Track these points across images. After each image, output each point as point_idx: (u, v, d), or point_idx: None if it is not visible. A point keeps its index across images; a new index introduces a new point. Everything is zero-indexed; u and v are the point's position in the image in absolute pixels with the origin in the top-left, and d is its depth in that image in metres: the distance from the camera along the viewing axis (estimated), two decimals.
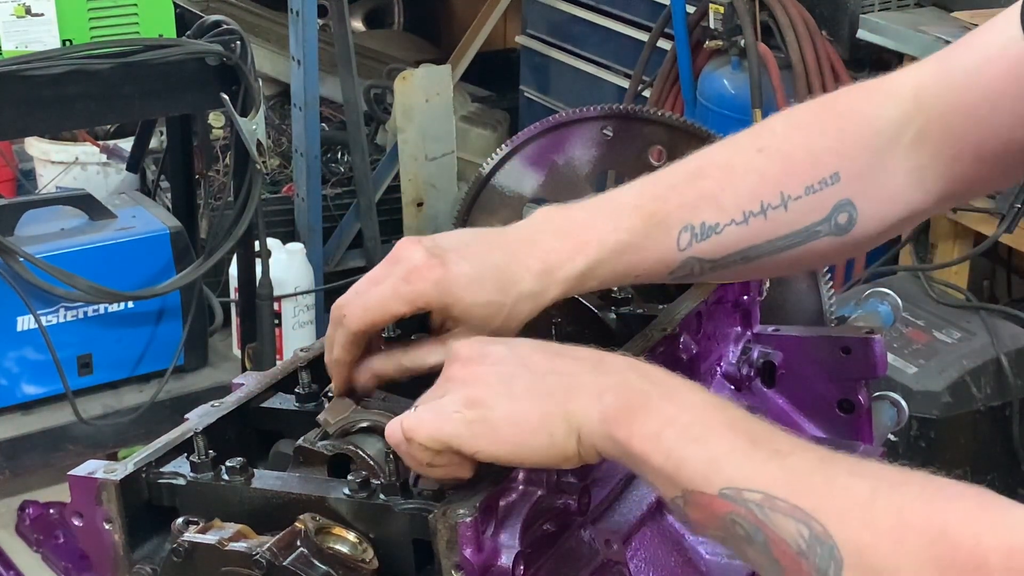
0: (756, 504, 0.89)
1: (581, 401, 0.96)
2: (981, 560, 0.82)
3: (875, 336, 1.32)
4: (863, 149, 1.14)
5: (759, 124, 1.20)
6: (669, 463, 0.92)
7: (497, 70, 4.93)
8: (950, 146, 1.15)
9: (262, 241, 3.10)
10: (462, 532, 0.94)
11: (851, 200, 1.14)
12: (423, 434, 0.96)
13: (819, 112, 1.18)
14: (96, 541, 1.06)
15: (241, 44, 2.77)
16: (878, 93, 1.17)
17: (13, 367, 2.88)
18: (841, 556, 0.86)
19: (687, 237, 1.11)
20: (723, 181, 1.12)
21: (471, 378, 0.99)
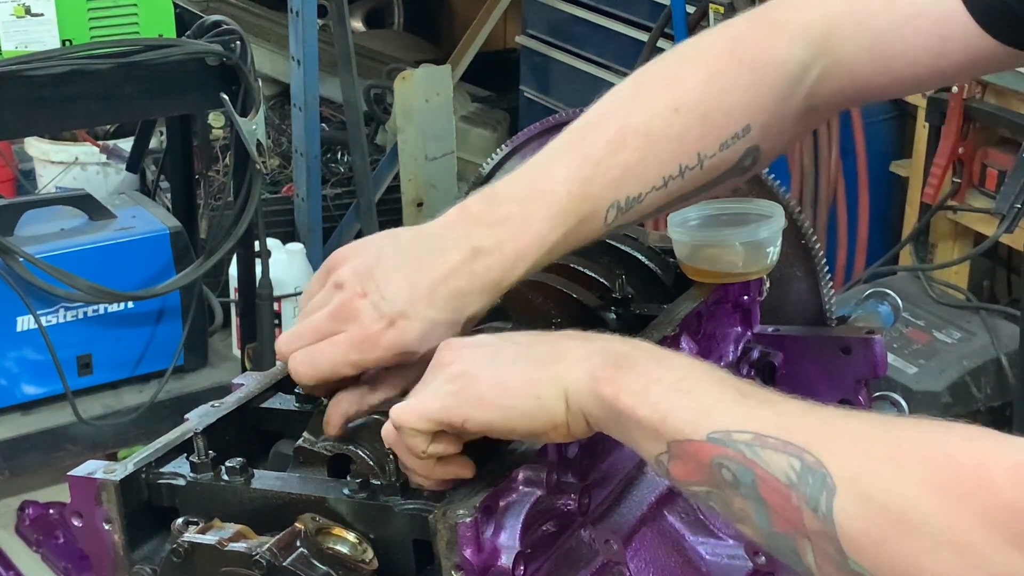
0: (746, 444, 0.88)
1: (569, 364, 0.97)
2: (985, 477, 0.80)
3: (875, 336, 1.32)
4: (774, 98, 1.16)
5: (669, 68, 1.18)
6: (656, 415, 0.92)
7: (497, 70, 4.93)
8: (852, 88, 1.19)
9: (262, 241, 3.10)
10: (462, 532, 0.94)
11: (758, 146, 1.17)
12: (412, 417, 0.97)
13: (733, 58, 1.16)
14: (96, 541, 1.06)
15: (241, 44, 2.76)
16: (785, 33, 1.17)
17: (13, 367, 2.88)
18: (834, 484, 0.84)
19: (613, 214, 1.11)
20: (644, 151, 1.12)
21: (456, 358, 1.00)
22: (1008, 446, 0.82)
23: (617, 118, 1.14)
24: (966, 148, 3.09)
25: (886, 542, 0.82)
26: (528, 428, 0.98)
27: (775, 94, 1.16)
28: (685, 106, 1.14)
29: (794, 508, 0.86)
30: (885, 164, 3.46)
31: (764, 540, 0.91)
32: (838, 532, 0.83)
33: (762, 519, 0.89)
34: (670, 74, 1.18)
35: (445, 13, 5.73)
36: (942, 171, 3.12)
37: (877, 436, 0.86)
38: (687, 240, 1.30)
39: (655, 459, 0.94)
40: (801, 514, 0.85)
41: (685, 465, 0.92)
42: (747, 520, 0.90)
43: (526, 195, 1.09)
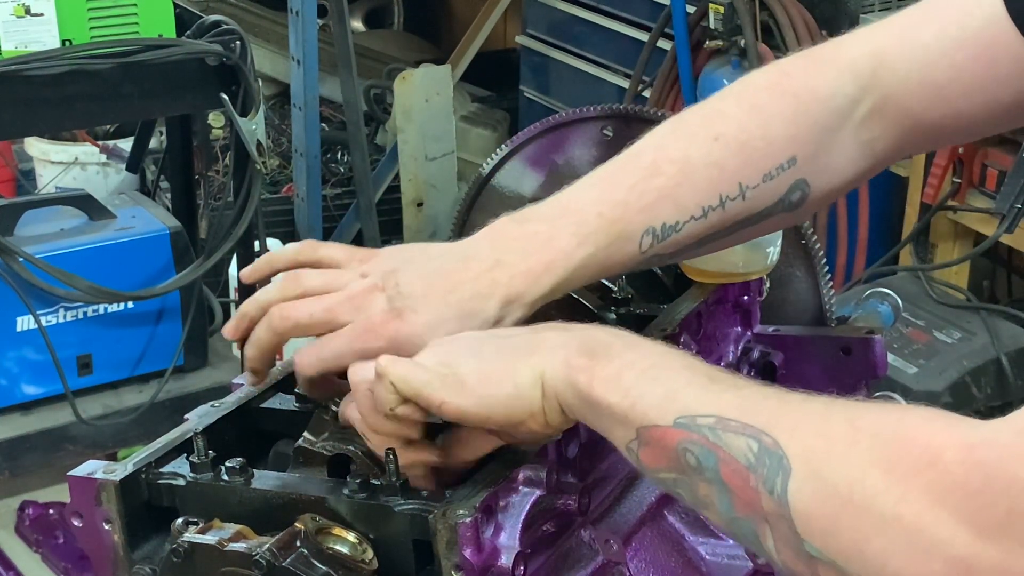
0: (708, 427, 0.88)
1: (546, 352, 0.97)
2: (935, 456, 0.79)
3: (875, 336, 1.32)
4: (819, 131, 1.14)
5: (710, 104, 1.17)
6: (625, 401, 0.93)
7: (497, 70, 4.93)
8: (907, 120, 1.15)
9: (262, 241, 3.10)
10: (462, 532, 0.94)
11: (805, 179, 1.14)
12: (397, 373, 0.97)
13: (774, 92, 1.15)
14: (96, 541, 1.06)
15: (241, 44, 2.77)
16: (832, 67, 1.15)
17: (13, 367, 2.88)
18: (790, 465, 0.84)
19: (648, 240, 1.09)
20: (680, 177, 1.10)
21: (443, 348, 1.01)
22: (961, 426, 0.81)
23: (654, 149, 1.13)
24: (966, 148, 3.09)
25: (837, 522, 0.81)
26: (505, 416, 0.98)
27: (820, 126, 1.13)
28: (725, 136, 1.12)
29: (752, 490, 0.85)
30: None
31: (727, 525, 0.90)
32: (792, 513, 0.83)
33: (724, 504, 0.88)
34: (712, 108, 1.16)
35: (445, 13, 5.73)
36: (942, 171, 3.12)
37: (833, 416, 0.86)
38: None
39: (626, 447, 0.94)
40: (759, 496, 0.85)
41: (653, 451, 0.92)
42: (711, 506, 0.90)
43: (555, 215, 1.09)
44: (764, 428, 0.86)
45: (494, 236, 1.09)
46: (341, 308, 1.06)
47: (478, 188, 1.52)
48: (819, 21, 3.41)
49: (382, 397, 0.98)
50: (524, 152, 1.49)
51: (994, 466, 0.77)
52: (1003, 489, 0.76)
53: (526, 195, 1.50)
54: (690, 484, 0.91)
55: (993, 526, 0.76)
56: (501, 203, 1.52)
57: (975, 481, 0.78)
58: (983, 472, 0.78)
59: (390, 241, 4.22)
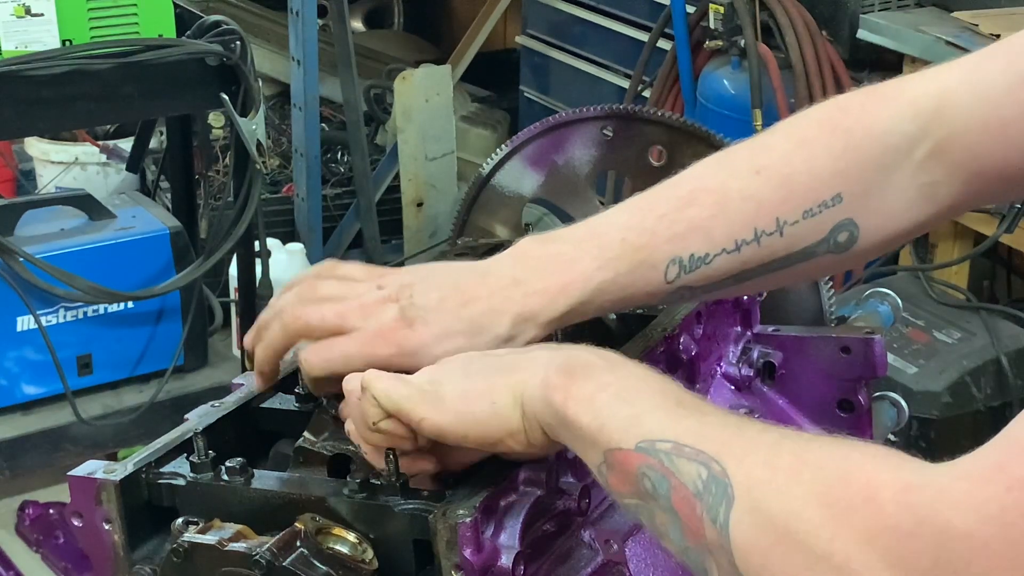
0: (665, 453, 0.87)
1: (527, 371, 0.97)
2: (872, 493, 0.77)
3: (875, 336, 1.32)
4: (870, 168, 1.08)
5: (759, 137, 1.13)
6: (595, 423, 0.92)
7: (497, 70, 4.93)
8: (972, 162, 1.08)
9: (262, 241, 3.10)
10: (462, 532, 0.94)
11: (853, 219, 1.09)
12: (380, 387, 0.98)
13: (825, 126, 1.10)
14: (96, 541, 1.06)
15: (241, 44, 2.76)
16: (894, 104, 1.10)
17: (13, 367, 2.88)
18: (733, 494, 0.82)
19: (675, 270, 1.07)
20: (715, 209, 1.07)
21: (442, 363, 1.02)
22: (906, 467, 0.79)
23: (694, 179, 1.10)
24: None
25: (770, 556, 0.80)
26: (481, 435, 0.97)
27: (872, 164, 1.08)
28: (767, 169, 1.08)
29: (698, 519, 0.84)
30: None
31: (681, 555, 0.88)
32: (731, 545, 0.82)
33: (676, 533, 0.87)
34: (760, 141, 1.13)
35: (445, 13, 5.73)
36: None
37: (783, 447, 0.84)
38: None
39: (596, 469, 0.93)
40: (703, 526, 0.84)
41: (618, 476, 0.91)
42: (666, 536, 0.89)
43: (581, 238, 1.08)
44: (715, 455, 0.84)
45: (517, 255, 1.09)
46: (353, 314, 1.07)
47: (478, 188, 1.52)
48: (819, 21, 3.41)
49: (366, 411, 0.99)
50: (524, 152, 1.49)
51: (927, 510, 0.75)
52: (933, 535, 0.74)
53: (526, 195, 1.50)
54: (649, 511, 0.89)
55: (919, 573, 0.74)
56: (501, 203, 1.52)
57: (906, 524, 0.75)
58: (915, 515, 0.75)
59: (390, 241, 4.23)
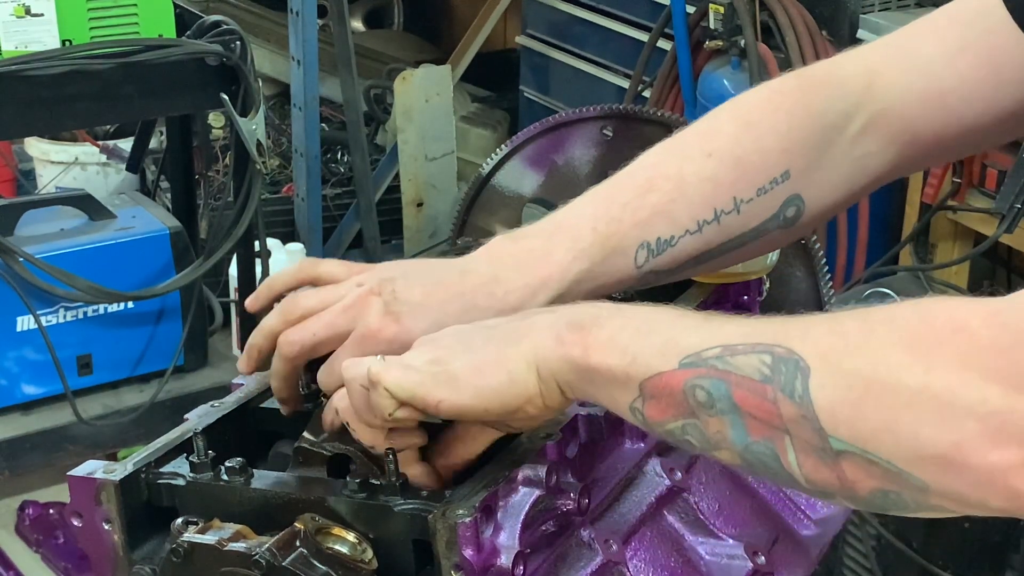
0: (716, 357, 0.88)
1: (535, 335, 0.97)
2: (960, 324, 0.80)
3: None
4: (811, 146, 1.15)
5: (704, 123, 1.19)
6: (624, 359, 0.92)
7: (497, 70, 4.93)
8: (907, 133, 1.16)
9: (262, 241, 3.10)
10: (462, 532, 0.94)
11: (799, 194, 1.15)
12: (390, 378, 0.97)
13: (767, 108, 1.17)
14: (96, 541, 1.06)
15: (241, 44, 2.76)
16: (827, 85, 1.17)
17: (13, 367, 2.88)
18: (808, 365, 0.84)
19: (644, 255, 1.11)
20: (675, 193, 1.12)
21: (432, 344, 1.01)
22: (982, 302, 0.82)
23: (650, 166, 1.15)
24: None
25: (863, 406, 0.82)
26: (502, 406, 0.97)
27: (813, 141, 1.15)
28: (719, 151, 1.14)
29: (770, 403, 0.85)
30: None
31: (741, 456, 0.89)
32: (816, 410, 0.83)
33: (738, 432, 0.88)
34: (706, 125, 1.18)
35: (445, 13, 5.73)
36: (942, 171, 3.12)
37: (843, 316, 0.87)
38: None
39: (630, 408, 0.94)
40: (778, 406, 0.85)
41: (659, 403, 0.91)
42: (723, 441, 0.89)
43: (551, 231, 1.11)
44: (772, 342, 0.86)
45: (491, 254, 1.11)
46: (340, 320, 1.07)
47: (478, 188, 1.52)
48: (819, 21, 3.41)
49: (379, 403, 0.98)
50: (524, 152, 1.49)
51: (1022, 325, 0.78)
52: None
53: (526, 195, 1.50)
54: (700, 425, 0.90)
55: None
56: (501, 203, 1.52)
57: (1004, 341, 0.78)
58: (1011, 331, 0.78)
59: (390, 241, 4.22)
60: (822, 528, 1.28)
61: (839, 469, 0.84)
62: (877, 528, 2.64)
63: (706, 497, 1.19)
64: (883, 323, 0.84)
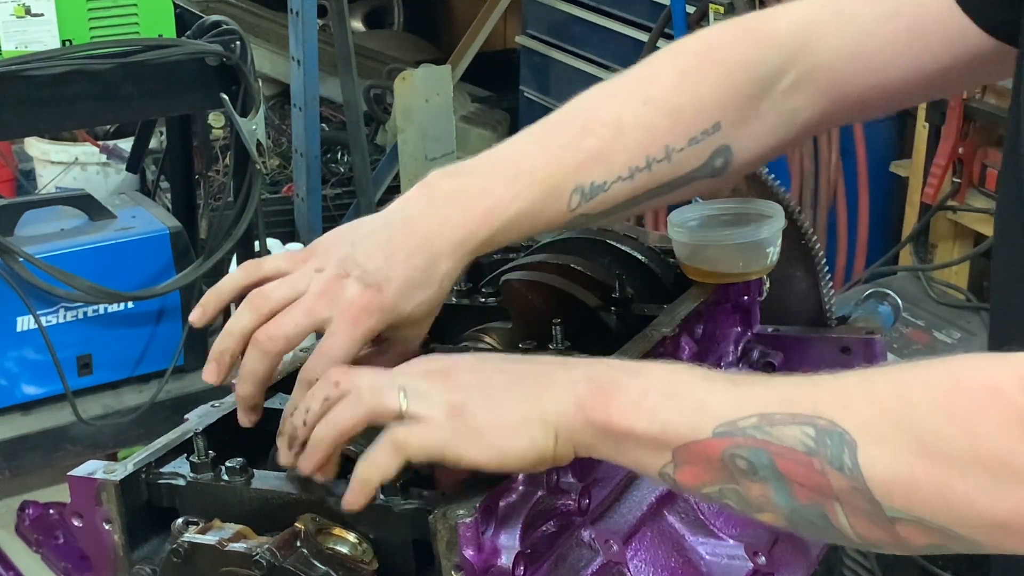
0: (753, 427, 0.88)
1: (555, 397, 0.96)
2: (996, 392, 0.82)
3: (875, 336, 1.33)
4: (744, 98, 1.17)
5: (643, 68, 1.20)
6: (654, 426, 0.92)
7: (497, 70, 4.93)
8: (835, 90, 1.19)
9: (262, 241, 3.10)
10: (462, 533, 0.94)
11: (728, 145, 1.18)
12: (415, 445, 0.95)
13: (704, 59, 1.19)
14: (96, 541, 1.06)
15: (241, 44, 2.77)
16: (762, 37, 1.19)
17: (13, 367, 2.87)
18: (853, 439, 0.85)
19: (577, 199, 1.13)
20: (611, 138, 1.14)
21: (452, 383, 0.98)
22: (1011, 362, 0.84)
23: (587, 110, 1.17)
24: (966, 148, 3.09)
25: (916, 478, 0.83)
26: (518, 465, 0.97)
27: (745, 94, 1.17)
28: (655, 100, 1.16)
29: (818, 474, 0.86)
30: (885, 164, 3.46)
31: (787, 518, 0.90)
32: (868, 484, 0.84)
33: (783, 497, 0.89)
34: (643, 73, 1.20)
35: (445, 13, 5.74)
36: (942, 171, 3.12)
37: (876, 384, 0.87)
38: (687, 240, 1.30)
39: (659, 472, 0.93)
40: (827, 477, 0.86)
41: (694, 468, 0.91)
42: (767, 505, 0.90)
43: (488, 168, 1.13)
44: (812, 413, 0.87)
45: (429, 190, 1.12)
46: (319, 306, 1.06)
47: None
48: None
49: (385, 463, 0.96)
50: None
51: None
52: None
53: None
54: (740, 490, 0.90)
55: None
56: None
57: None
58: None
59: None
60: None
61: (893, 531, 0.86)
62: None
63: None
64: (921, 390, 0.85)
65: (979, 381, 0.83)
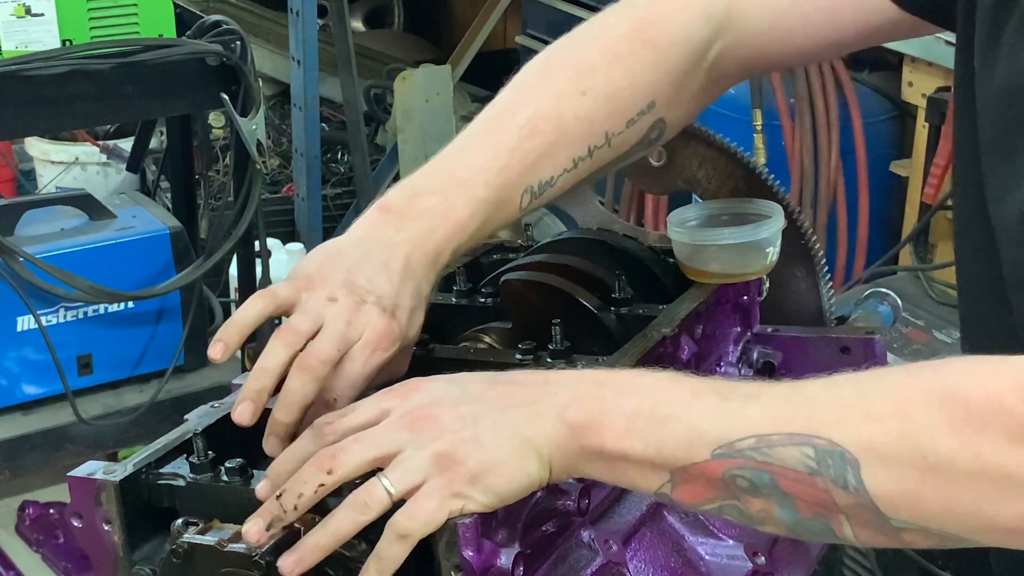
0: (752, 448, 0.88)
1: (546, 429, 0.95)
2: (996, 404, 0.82)
3: (875, 336, 1.33)
4: (677, 74, 1.22)
5: (576, 56, 1.23)
6: (649, 449, 0.92)
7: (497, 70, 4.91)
8: (756, 59, 1.26)
9: (262, 241, 3.10)
10: (462, 533, 0.94)
11: (662, 118, 1.24)
12: (419, 527, 0.94)
13: (636, 41, 1.22)
14: (96, 542, 1.06)
15: (241, 44, 2.76)
16: (690, 12, 1.23)
17: (13, 367, 2.87)
18: (855, 458, 0.85)
19: (528, 198, 1.17)
20: (556, 135, 1.17)
21: (433, 430, 0.96)
22: (1007, 369, 0.84)
23: (528, 105, 1.19)
24: None
25: (921, 493, 0.84)
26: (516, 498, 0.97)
27: (678, 70, 1.22)
28: (592, 89, 1.19)
29: (822, 492, 0.86)
30: (885, 164, 3.46)
31: (791, 530, 0.91)
32: (873, 500, 0.85)
33: (787, 511, 0.89)
34: (577, 59, 1.23)
35: (445, 13, 5.73)
36: (942, 171, 3.12)
37: (871, 398, 0.87)
38: (687, 240, 1.30)
39: (656, 492, 0.94)
40: (831, 495, 0.86)
41: (692, 487, 0.92)
42: (769, 518, 0.90)
43: (445, 186, 1.15)
44: (809, 432, 0.87)
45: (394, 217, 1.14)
46: (349, 333, 1.07)
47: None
48: None
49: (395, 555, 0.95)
50: None
51: None
52: None
53: None
54: (740, 505, 0.91)
55: None
56: None
57: None
58: None
59: None
60: None
61: (899, 538, 0.87)
62: None
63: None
64: (918, 406, 0.85)
65: (979, 393, 0.83)
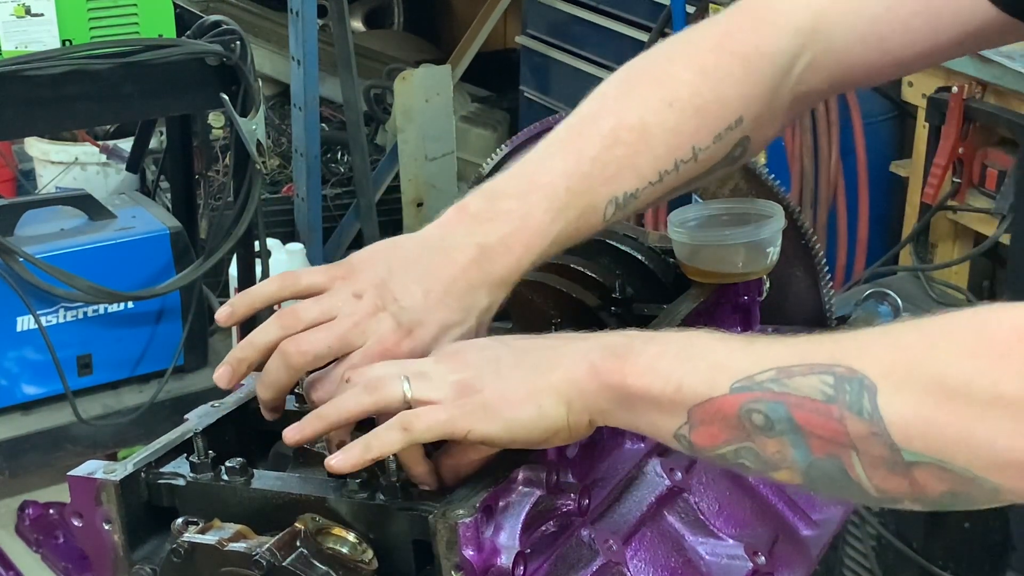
0: (771, 380, 0.88)
1: (567, 367, 0.97)
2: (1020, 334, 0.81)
3: None
4: (766, 89, 1.18)
5: (659, 67, 1.20)
6: (670, 386, 0.92)
7: (497, 70, 4.92)
8: (845, 71, 1.20)
9: (262, 241, 3.10)
10: (462, 532, 0.94)
11: (748, 136, 1.19)
12: (422, 426, 0.97)
13: (722, 54, 1.18)
14: (96, 541, 1.06)
15: (241, 44, 2.77)
16: (773, 25, 1.19)
17: (13, 367, 2.88)
18: (873, 383, 0.85)
19: (612, 210, 1.13)
20: (640, 145, 1.14)
21: (459, 363, 1.00)
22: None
23: (611, 115, 1.16)
24: (966, 148, 3.09)
25: (936, 420, 0.83)
26: (529, 438, 0.98)
27: (766, 85, 1.18)
28: (679, 101, 1.15)
29: (836, 421, 0.86)
30: (885, 164, 3.46)
31: (804, 474, 0.90)
32: (888, 426, 0.84)
33: (800, 451, 0.89)
34: (661, 71, 1.19)
35: (445, 13, 5.73)
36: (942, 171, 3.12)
37: (898, 331, 0.88)
38: (687, 240, 1.30)
39: (674, 435, 0.94)
40: (844, 425, 0.86)
41: (709, 428, 0.92)
42: (783, 461, 0.90)
43: (525, 190, 1.11)
44: (830, 362, 0.87)
45: (467, 219, 1.10)
46: (352, 335, 1.05)
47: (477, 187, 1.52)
48: None
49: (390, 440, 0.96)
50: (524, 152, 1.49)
51: None
52: None
53: None
54: (756, 448, 0.91)
55: None
56: None
57: None
58: None
59: None
60: (822, 528, 1.28)
61: (911, 477, 0.85)
62: (877, 528, 2.64)
63: (706, 497, 1.19)
64: (943, 335, 0.85)
65: (1005, 325, 0.83)
